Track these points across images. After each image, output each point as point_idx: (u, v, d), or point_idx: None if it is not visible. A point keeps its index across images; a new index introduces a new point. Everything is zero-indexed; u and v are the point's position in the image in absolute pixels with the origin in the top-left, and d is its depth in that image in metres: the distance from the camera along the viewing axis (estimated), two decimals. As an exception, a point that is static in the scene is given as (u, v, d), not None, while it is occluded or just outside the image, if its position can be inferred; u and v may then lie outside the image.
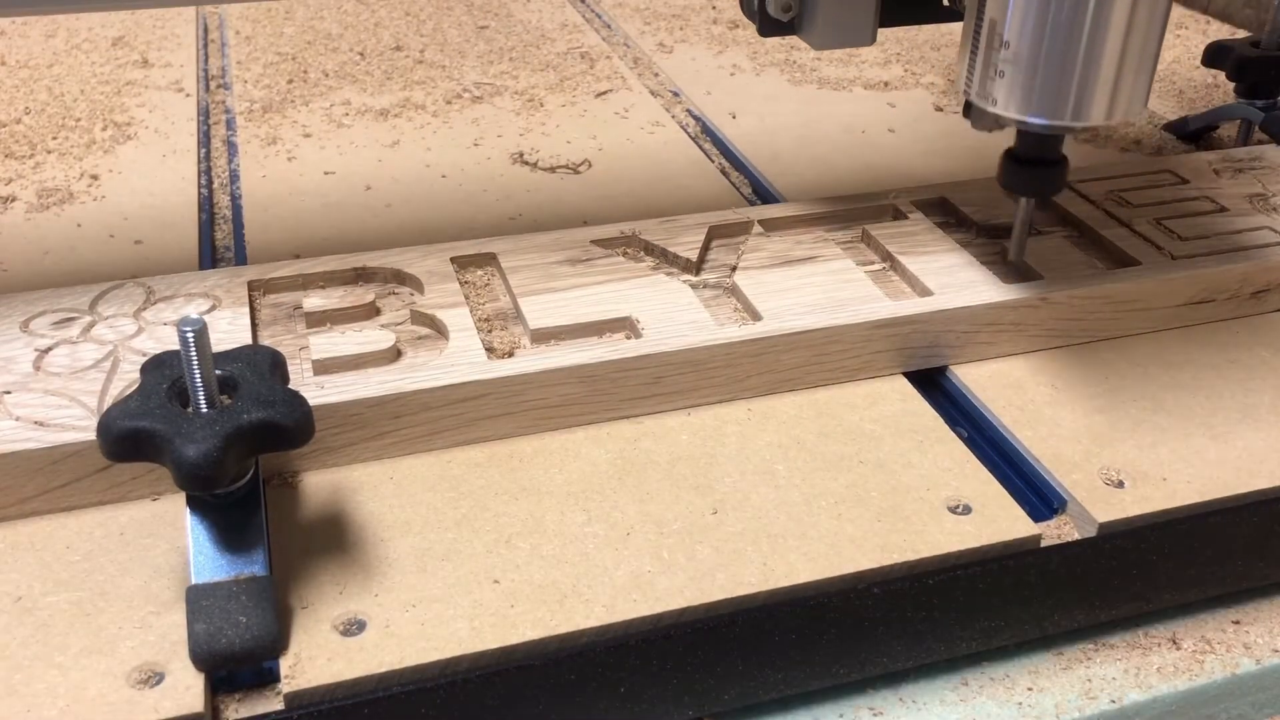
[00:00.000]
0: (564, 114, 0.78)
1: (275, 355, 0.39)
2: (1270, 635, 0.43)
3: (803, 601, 0.39)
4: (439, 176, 0.69)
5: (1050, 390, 0.49)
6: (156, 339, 0.46)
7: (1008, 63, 0.44)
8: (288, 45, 0.89)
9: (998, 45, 0.44)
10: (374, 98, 0.80)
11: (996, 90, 0.45)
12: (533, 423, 0.46)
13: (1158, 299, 0.52)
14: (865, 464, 0.45)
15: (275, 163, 0.71)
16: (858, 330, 0.48)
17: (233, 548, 0.37)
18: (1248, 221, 0.57)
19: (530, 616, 0.38)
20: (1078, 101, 0.44)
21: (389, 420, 0.44)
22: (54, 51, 0.87)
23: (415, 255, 0.52)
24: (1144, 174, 0.61)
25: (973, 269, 0.52)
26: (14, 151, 0.71)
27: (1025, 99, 0.45)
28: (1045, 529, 0.43)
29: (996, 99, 0.45)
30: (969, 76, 0.46)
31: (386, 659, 0.36)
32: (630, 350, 0.46)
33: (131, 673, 0.36)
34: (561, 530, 0.41)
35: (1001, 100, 0.45)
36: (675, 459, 0.45)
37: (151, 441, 0.35)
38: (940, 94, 0.81)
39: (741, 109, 0.79)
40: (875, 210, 0.58)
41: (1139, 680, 0.41)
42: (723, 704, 0.39)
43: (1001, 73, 0.44)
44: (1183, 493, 0.43)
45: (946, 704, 0.40)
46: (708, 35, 0.93)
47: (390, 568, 0.39)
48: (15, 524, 0.41)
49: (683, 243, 0.54)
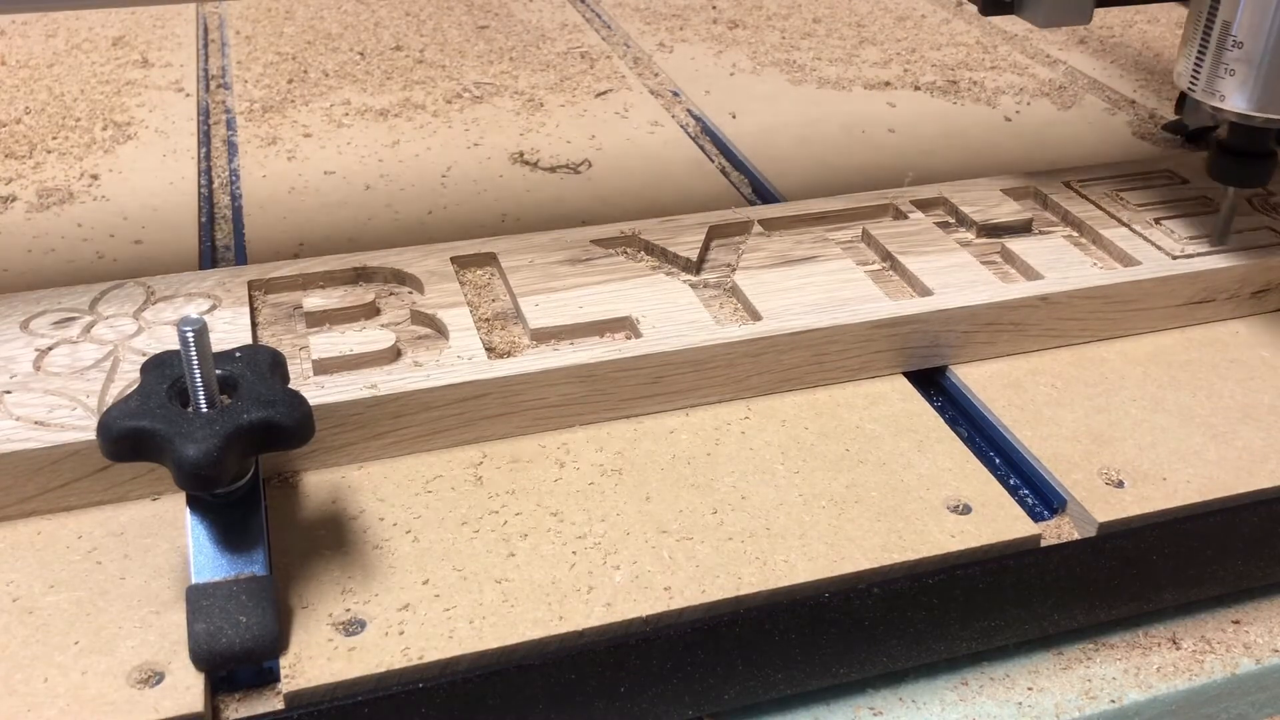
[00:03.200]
0: (564, 114, 0.78)
1: (275, 355, 0.39)
2: (1270, 635, 0.43)
3: (803, 601, 0.39)
4: (439, 176, 0.69)
5: (1050, 390, 0.49)
6: (156, 339, 0.46)
7: (1239, 61, 0.49)
8: (288, 45, 0.89)
9: (1230, 45, 0.49)
10: (374, 98, 0.80)
11: (1224, 87, 0.50)
12: (533, 422, 0.46)
13: (1158, 299, 0.52)
14: (865, 464, 0.45)
15: (275, 163, 0.71)
16: (858, 330, 0.48)
17: (233, 547, 0.37)
18: (1248, 221, 0.57)
19: (530, 616, 0.38)
20: None
21: (389, 420, 0.44)
22: (54, 51, 0.87)
23: (415, 255, 0.52)
24: (1144, 174, 0.61)
25: (973, 269, 0.52)
26: (14, 151, 0.71)
27: (1254, 95, 0.49)
28: (1045, 529, 0.43)
29: (1224, 95, 0.50)
30: (1194, 73, 0.51)
31: (386, 659, 0.36)
32: (630, 350, 0.46)
33: (131, 672, 0.36)
34: (561, 530, 0.41)
35: (1230, 96, 0.50)
36: (675, 459, 0.45)
37: (151, 441, 0.35)
38: (940, 93, 0.81)
39: (741, 109, 0.79)
40: (875, 210, 0.58)
41: (1139, 680, 0.41)
42: (723, 704, 0.39)
43: (1232, 70, 0.49)
44: (1183, 492, 0.43)
45: (946, 704, 0.40)
46: (708, 35, 0.93)
47: (390, 568, 0.39)
48: (15, 524, 0.41)
49: (683, 242, 0.54)
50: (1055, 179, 0.60)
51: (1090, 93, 0.82)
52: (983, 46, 0.91)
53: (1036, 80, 0.84)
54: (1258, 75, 0.49)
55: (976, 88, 0.82)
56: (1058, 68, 0.87)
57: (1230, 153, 0.53)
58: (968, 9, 1.01)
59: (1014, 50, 0.90)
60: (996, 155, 0.72)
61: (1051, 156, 0.71)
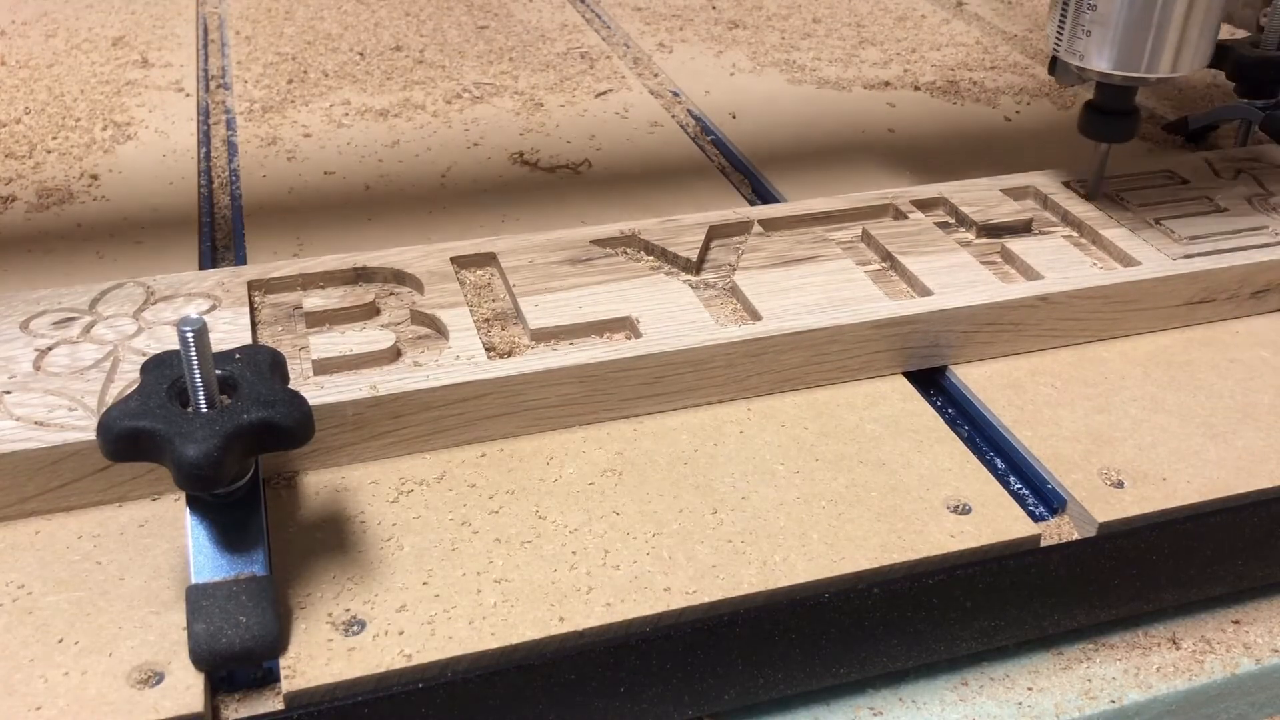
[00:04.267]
0: (564, 114, 0.78)
1: (275, 355, 0.39)
2: (1270, 635, 0.43)
3: (803, 601, 0.39)
4: (439, 177, 0.69)
5: (1050, 390, 0.49)
6: (156, 339, 0.46)
7: (1095, 23, 0.52)
8: (288, 45, 0.89)
9: (1086, 8, 0.53)
10: (374, 98, 0.80)
11: (1084, 47, 0.53)
12: (533, 422, 0.46)
13: (1158, 299, 0.52)
14: (865, 464, 0.45)
15: (275, 163, 0.71)
16: (857, 330, 0.48)
17: (233, 548, 0.37)
18: (1248, 221, 0.57)
19: (530, 616, 0.38)
20: (1151, 56, 0.52)
21: (389, 420, 0.44)
22: (54, 51, 0.87)
23: (415, 255, 0.52)
24: (1144, 174, 0.61)
25: (973, 269, 0.52)
26: (14, 151, 0.71)
27: (1110, 55, 0.53)
28: (1045, 529, 0.43)
29: (1084, 55, 0.53)
30: (1059, 35, 0.55)
31: (386, 659, 0.36)
32: (630, 350, 0.46)
33: (131, 672, 0.36)
34: (561, 530, 0.41)
35: (1088, 56, 0.53)
36: (675, 459, 0.45)
37: (151, 441, 0.35)
38: (940, 93, 0.81)
39: (741, 109, 0.79)
40: (875, 210, 0.58)
41: (1139, 680, 0.41)
42: (723, 704, 0.39)
43: (1089, 31, 0.53)
44: (1183, 492, 0.43)
45: (946, 704, 0.40)
46: (708, 35, 0.93)
47: (390, 568, 0.39)
48: (15, 524, 0.41)
49: (683, 242, 0.54)
50: (1055, 179, 0.60)
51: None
52: (983, 46, 0.91)
53: (1036, 80, 0.84)
54: (1112, 36, 0.52)
55: (976, 88, 0.82)
56: (1058, 68, 0.87)
57: (1097, 110, 0.56)
58: (968, 9, 1.01)
59: (1014, 50, 0.90)
60: (996, 155, 0.72)
61: (1051, 156, 0.71)
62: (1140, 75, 0.53)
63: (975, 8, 1.01)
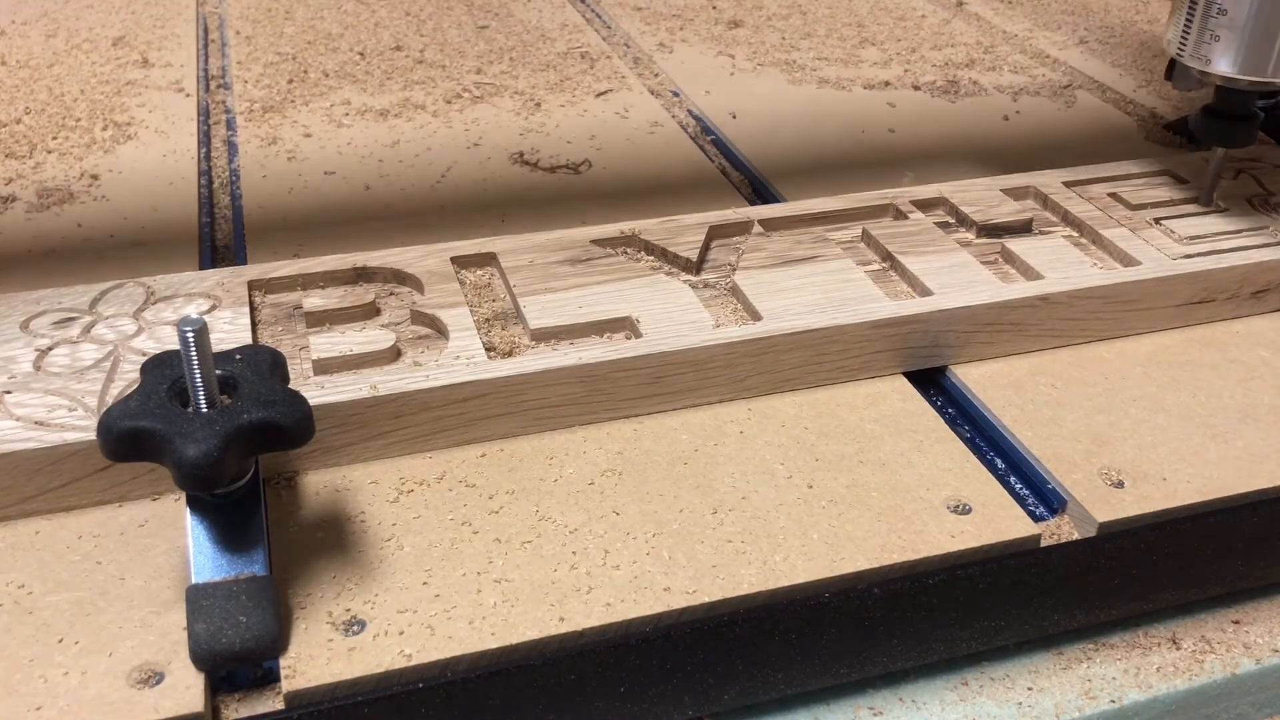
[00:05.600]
0: (564, 114, 0.78)
1: (275, 355, 0.39)
2: (1270, 635, 0.43)
3: (803, 601, 0.39)
4: (439, 176, 0.69)
5: (1050, 390, 0.49)
6: (156, 339, 0.46)
7: (1223, 28, 0.53)
8: (288, 45, 0.89)
9: (1215, 12, 0.53)
10: (374, 98, 0.80)
11: (1210, 51, 0.54)
12: (533, 422, 0.46)
13: (1158, 299, 0.52)
14: (865, 464, 0.45)
15: (275, 163, 0.71)
16: (858, 330, 0.48)
17: (233, 548, 0.37)
18: (1248, 221, 0.57)
19: (530, 616, 0.38)
20: (1278, 60, 0.53)
21: (389, 420, 0.44)
22: (54, 51, 0.87)
23: (415, 255, 0.52)
24: (1144, 174, 0.61)
25: (973, 269, 0.52)
26: (14, 151, 0.71)
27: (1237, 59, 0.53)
28: (1045, 529, 0.43)
29: (1210, 59, 0.54)
30: (1183, 40, 0.55)
31: (386, 659, 0.36)
32: (630, 350, 0.46)
33: (131, 672, 0.36)
34: (561, 530, 0.41)
35: (1213, 60, 0.54)
36: (675, 459, 0.45)
37: (152, 441, 0.35)
38: (940, 93, 0.81)
39: (741, 109, 0.79)
40: (875, 210, 0.58)
41: (1139, 680, 0.41)
42: (723, 704, 0.39)
43: (1217, 36, 0.53)
44: (1183, 492, 0.43)
45: (946, 704, 0.40)
46: (708, 35, 0.93)
47: (390, 568, 0.39)
48: (15, 524, 0.41)
49: (683, 242, 0.54)
50: (1055, 179, 0.60)
51: (1090, 93, 0.82)
52: (983, 46, 0.91)
53: (1036, 80, 0.84)
54: (1241, 40, 0.53)
55: (976, 88, 0.82)
56: (1058, 68, 0.87)
57: (1217, 115, 0.56)
58: (968, 9, 1.01)
59: (1014, 50, 0.90)
60: (996, 155, 0.72)
61: (1051, 156, 0.71)
62: (1266, 79, 0.53)
63: (975, 8, 1.01)
